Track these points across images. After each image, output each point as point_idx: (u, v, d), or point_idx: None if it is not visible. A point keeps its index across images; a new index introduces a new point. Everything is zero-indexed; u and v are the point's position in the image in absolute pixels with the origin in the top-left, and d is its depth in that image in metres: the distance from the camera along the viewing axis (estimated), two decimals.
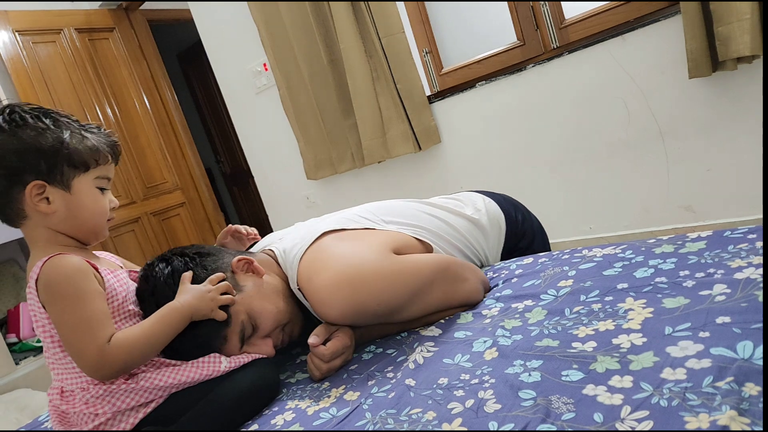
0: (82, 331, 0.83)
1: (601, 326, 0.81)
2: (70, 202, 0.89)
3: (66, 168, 0.87)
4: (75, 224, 0.91)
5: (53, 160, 0.86)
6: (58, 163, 0.86)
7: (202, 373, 0.92)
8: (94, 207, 0.91)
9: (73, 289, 0.84)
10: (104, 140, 0.92)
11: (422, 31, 2.39)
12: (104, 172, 0.92)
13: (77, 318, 0.83)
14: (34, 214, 0.88)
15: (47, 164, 0.86)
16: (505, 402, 0.72)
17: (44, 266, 0.84)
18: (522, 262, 1.19)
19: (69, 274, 0.84)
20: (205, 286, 0.95)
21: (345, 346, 1.01)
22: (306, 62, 2.52)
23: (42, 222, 0.89)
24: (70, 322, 0.83)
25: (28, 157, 0.85)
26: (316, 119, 2.62)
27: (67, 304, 0.83)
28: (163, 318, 0.90)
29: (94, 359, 0.83)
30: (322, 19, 2.40)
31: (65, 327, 0.83)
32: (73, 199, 0.89)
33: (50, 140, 0.86)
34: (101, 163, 0.91)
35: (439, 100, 2.34)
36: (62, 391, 0.90)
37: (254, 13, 2.63)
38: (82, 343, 0.83)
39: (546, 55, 2.07)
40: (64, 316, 0.83)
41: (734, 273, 0.81)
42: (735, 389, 0.59)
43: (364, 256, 0.99)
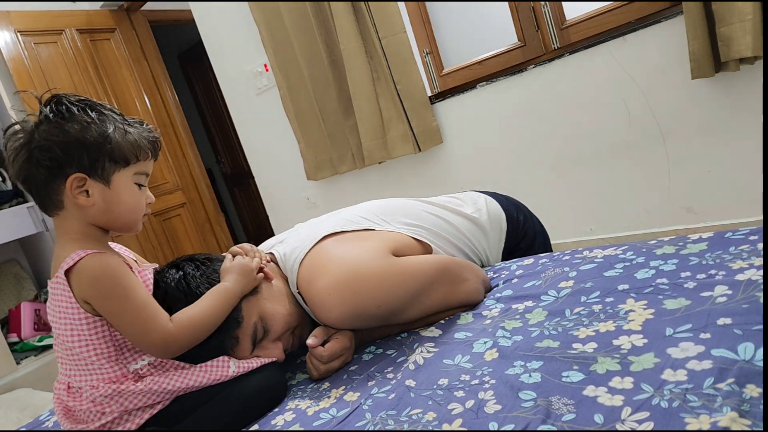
0: (144, 317, 0.86)
1: (601, 327, 0.81)
2: (108, 197, 0.89)
3: (107, 163, 0.88)
4: (111, 218, 0.91)
5: (96, 154, 0.86)
6: (100, 157, 0.87)
7: (210, 378, 0.92)
8: (131, 202, 0.91)
9: (125, 282, 0.86)
10: (146, 135, 0.92)
11: (423, 31, 2.39)
12: (143, 168, 0.92)
13: (136, 306, 0.86)
14: (72, 205, 0.88)
15: (90, 158, 0.86)
16: (505, 403, 0.72)
17: (84, 262, 0.84)
18: (522, 262, 1.19)
19: (116, 268, 0.87)
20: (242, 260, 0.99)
21: (343, 347, 1.01)
22: (306, 63, 2.52)
23: (77, 214, 0.89)
24: (131, 311, 0.85)
25: (72, 150, 0.85)
26: (316, 120, 2.62)
27: (123, 296, 0.86)
28: (219, 297, 0.94)
29: (162, 339, 0.87)
30: (323, 19, 2.40)
31: (126, 316, 0.86)
32: (111, 193, 0.89)
33: (94, 134, 0.86)
34: (141, 159, 0.91)
35: (439, 100, 2.33)
36: (69, 387, 0.90)
37: (255, 13, 2.63)
38: (148, 327, 0.86)
39: (547, 56, 2.07)
40: (123, 306, 0.85)
41: (735, 274, 0.81)
42: (736, 391, 0.59)
43: (363, 259, 0.99)
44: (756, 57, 1.59)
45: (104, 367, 0.87)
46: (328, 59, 2.44)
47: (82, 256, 0.85)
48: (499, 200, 1.35)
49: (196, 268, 1.00)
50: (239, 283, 0.97)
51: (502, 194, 1.41)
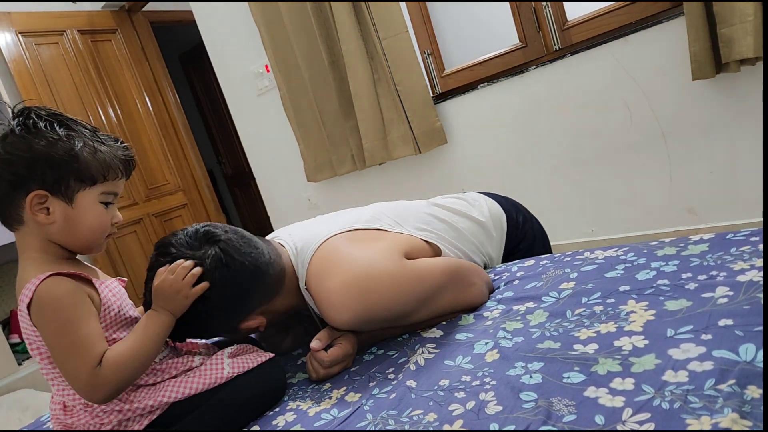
0: (73, 355, 0.81)
1: (602, 328, 0.81)
2: (70, 215, 0.86)
3: (72, 181, 0.84)
4: (71, 238, 0.88)
5: (61, 172, 0.83)
6: (65, 175, 0.84)
7: (206, 383, 0.91)
8: (94, 223, 0.88)
9: (65, 314, 0.81)
10: (118, 154, 0.89)
11: (424, 32, 2.39)
12: (111, 188, 0.89)
13: (69, 342, 0.81)
14: (32, 222, 0.85)
15: (53, 176, 0.83)
16: (506, 404, 0.72)
17: (39, 289, 0.81)
18: (523, 264, 1.19)
19: (60, 297, 0.82)
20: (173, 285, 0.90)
21: (346, 354, 1.01)
22: (307, 64, 2.52)
23: (37, 231, 0.86)
24: (62, 347, 0.81)
25: (36, 167, 0.82)
26: (316, 121, 2.63)
27: (59, 329, 0.81)
28: (147, 328, 0.88)
29: (87, 383, 0.81)
30: (323, 20, 2.40)
31: (57, 351, 0.82)
32: (74, 212, 0.86)
33: (60, 151, 0.83)
34: (109, 179, 0.88)
35: (440, 101, 2.34)
36: (65, 405, 0.89)
37: (255, 14, 2.63)
38: (74, 367, 0.81)
39: (548, 57, 2.07)
40: (55, 340, 0.81)
41: (737, 275, 0.81)
42: (737, 392, 0.59)
43: (374, 260, 0.99)
44: (757, 58, 1.58)
45: None
46: (328, 60, 2.44)
47: (37, 284, 0.81)
48: (499, 201, 1.35)
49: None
50: (170, 310, 0.90)
51: (502, 195, 1.41)
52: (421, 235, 1.14)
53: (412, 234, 1.13)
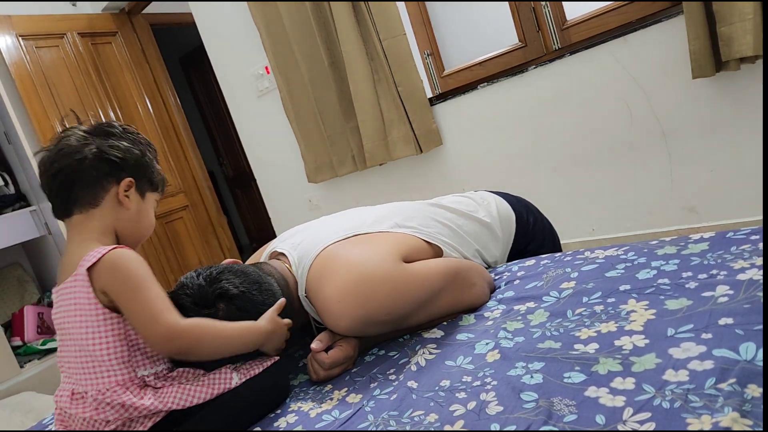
0: (156, 305, 0.87)
1: (603, 328, 0.81)
2: (140, 207, 1.00)
3: (147, 182, 1.02)
4: (133, 227, 0.99)
5: (145, 171, 1.01)
6: (146, 175, 1.01)
7: (214, 392, 0.91)
8: (151, 219, 1.03)
9: (143, 272, 0.89)
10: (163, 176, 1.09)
11: (423, 33, 2.39)
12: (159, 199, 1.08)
13: (150, 296, 0.87)
14: (110, 205, 0.96)
15: (140, 173, 1.00)
16: (507, 404, 0.72)
17: (108, 256, 0.88)
18: (524, 263, 1.19)
19: (135, 260, 0.90)
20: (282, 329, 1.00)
21: (346, 356, 1.01)
22: (307, 65, 2.52)
23: (108, 215, 0.96)
24: (144, 298, 0.87)
25: (132, 161, 0.98)
26: (316, 122, 2.63)
27: (139, 283, 0.88)
28: (242, 329, 0.94)
29: (167, 329, 0.86)
30: (323, 21, 2.40)
31: (138, 301, 0.87)
32: (143, 206, 1.01)
33: (147, 157, 1.02)
34: (161, 192, 1.07)
35: (440, 102, 2.34)
36: (73, 393, 0.89)
37: (255, 16, 2.64)
38: (157, 315, 0.86)
39: (548, 57, 2.07)
40: (136, 292, 0.87)
41: (737, 274, 0.81)
42: (737, 391, 0.59)
43: (372, 265, 0.98)
44: (757, 56, 1.58)
45: (114, 368, 0.87)
46: (328, 61, 2.45)
47: (105, 252, 0.88)
48: (510, 201, 1.35)
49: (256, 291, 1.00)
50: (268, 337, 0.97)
51: (514, 195, 1.40)
52: (422, 236, 1.14)
53: (413, 235, 1.13)
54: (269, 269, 1.08)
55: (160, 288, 0.91)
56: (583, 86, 1.99)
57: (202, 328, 0.89)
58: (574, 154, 2.09)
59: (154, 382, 0.90)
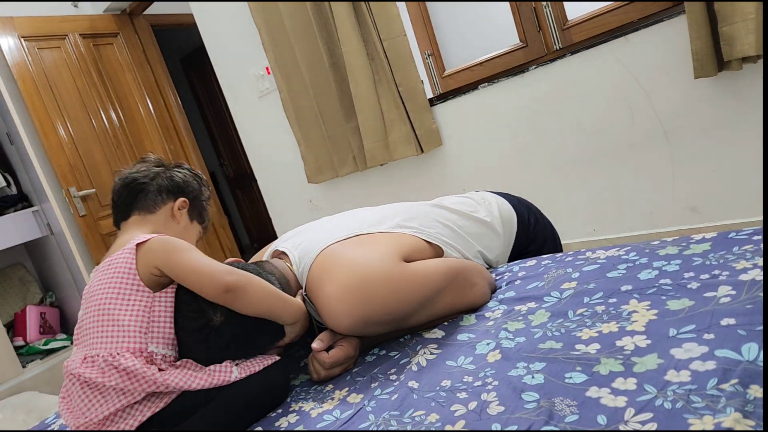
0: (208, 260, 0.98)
1: (604, 328, 0.81)
2: (187, 227, 1.21)
3: (197, 213, 1.24)
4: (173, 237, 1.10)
5: (198, 203, 1.25)
6: (198, 207, 1.24)
7: (212, 381, 0.92)
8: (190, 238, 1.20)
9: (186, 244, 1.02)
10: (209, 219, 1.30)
11: (424, 33, 2.39)
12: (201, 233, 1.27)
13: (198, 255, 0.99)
14: (163, 216, 1.17)
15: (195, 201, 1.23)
16: (508, 404, 0.72)
17: (156, 237, 1.02)
18: (525, 264, 1.18)
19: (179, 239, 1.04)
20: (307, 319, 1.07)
21: (347, 356, 1.01)
22: (307, 65, 2.52)
23: (161, 223, 1.15)
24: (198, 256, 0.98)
25: (190, 189, 1.22)
26: (317, 122, 2.63)
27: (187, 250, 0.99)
28: (286, 297, 1.01)
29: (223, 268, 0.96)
30: (324, 22, 2.40)
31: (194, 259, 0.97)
32: (189, 228, 1.22)
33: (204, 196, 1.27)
34: (204, 231, 1.28)
35: (441, 102, 2.34)
36: (84, 357, 0.93)
37: (256, 16, 2.64)
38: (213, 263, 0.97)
39: (549, 57, 2.07)
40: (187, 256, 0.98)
41: (739, 274, 0.81)
42: (740, 391, 0.59)
43: (372, 264, 0.99)
44: (759, 56, 1.58)
45: (130, 334, 0.93)
46: (329, 62, 2.44)
47: (153, 236, 1.02)
48: (511, 202, 1.35)
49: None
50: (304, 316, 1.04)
51: (515, 196, 1.40)
52: (423, 237, 1.14)
53: (414, 235, 1.13)
54: (270, 267, 1.08)
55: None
56: (584, 86, 1.99)
57: (253, 275, 0.99)
58: (576, 155, 2.09)
59: (160, 363, 0.93)
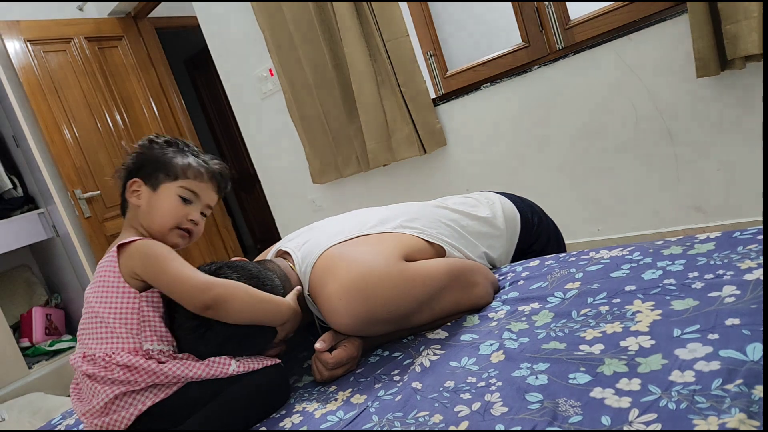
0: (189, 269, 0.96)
1: (608, 328, 0.81)
2: (152, 200, 1.05)
3: (161, 174, 1.06)
4: (149, 219, 1.04)
5: (155, 166, 1.07)
6: (157, 168, 1.07)
7: (210, 372, 0.93)
8: (166, 208, 1.04)
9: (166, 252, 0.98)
10: (206, 164, 1.11)
11: (426, 33, 2.39)
12: (192, 186, 1.07)
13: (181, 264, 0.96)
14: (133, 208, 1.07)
15: (149, 169, 1.07)
16: (511, 405, 0.72)
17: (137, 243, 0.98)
18: (528, 264, 1.18)
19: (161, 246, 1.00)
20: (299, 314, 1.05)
21: (350, 356, 1.01)
22: (311, 67, 2.53)
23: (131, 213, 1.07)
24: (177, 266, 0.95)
25: (140, 163, 1.08)
26: (321, 123, 2.63)
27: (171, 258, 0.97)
28: (271, 297, 0.99)
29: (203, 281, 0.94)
30: (327, 23, 2.41)
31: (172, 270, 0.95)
32: (155, 197, 1.05)
33: (158, 153, 1.09)
34: (190, 177, 1.07)
35: (444, 102, 2.33)
36: (84, 355, 0.95)
37: (259, 18, 2.65)
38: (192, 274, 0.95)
39: (551, 56, 2.07)
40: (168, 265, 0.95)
41: (744, 274, 0.80)
42: (744, 392, 0.58)
43: (374, 264, 0.99)
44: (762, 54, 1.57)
45: (122, 336, 0.93)
46: (332, 63, 2.45)
47: (137, 239, 0.99)
48: (514, 201, 1.35)
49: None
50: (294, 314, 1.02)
51: (518, 196, 1.40)
52: (425, 237, 1.14)
53: (416, 236, 1.13)
54: (272, 266, 1.09)
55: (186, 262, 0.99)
56: (587, 86, 1.99)
57: (236, 284, 0.97)
58: (579, 154, 2.08)
59: (158, 357, 0.93)
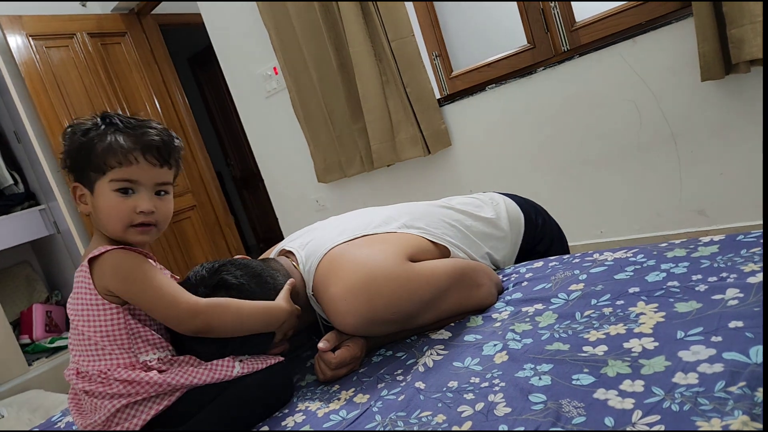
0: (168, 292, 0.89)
1: (612, 330, 0.81)
2: (94, 204, 0.92)
3: (90, 172, 0.90)
4: (100, 225, 0.93)
5: (81, 164, 0.91)
6: (84, 166, 0.90)
7: (214, 377, 0.92)
8: (106, 209, 0.90)
9: (145, 267, 0.90)
10: (133, 139, 0.90)
11: (432, 34, 2.39)
12: (123, 175, 0.89)
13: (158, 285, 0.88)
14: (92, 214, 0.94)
15: (77, 168, 0.91)
16: (515, 405, 0.72)
17: (107, 254, 0.88)
18: (532, 265, 1.18)
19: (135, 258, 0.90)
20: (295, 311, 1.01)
21: (353, 356, 1.01)
22: (315, 66, 2.53)
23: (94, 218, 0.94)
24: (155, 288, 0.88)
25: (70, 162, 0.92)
26: (325, 123, 2.63)
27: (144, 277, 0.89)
28: (262, 307, 0.95)
29: (187, 308, 0.88)
30: (332, 22, 2.41)
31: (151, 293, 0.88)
32: (95, 200, 0.91)
33: (76, 144, 0.91)
34: (116, 165, 0.89)
35: (448, 103, 2.34)
36: (78, 372, 0.91)
37: (264, 17, 2.65)
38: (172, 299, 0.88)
39: (556, 58, 2.07)
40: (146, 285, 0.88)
41: (747, 277, 0.81)
42: (747, 394, 0.59)
43: (378, 264, 0.99)
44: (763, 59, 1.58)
45: (115, 353, 0.89)
46: (337, 62, 2.45)
47: (108, 250, 0.89)
48: (518, 202, 1.35)
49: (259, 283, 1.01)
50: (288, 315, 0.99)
51: (522, 197, 1.40)
52: (430, 237, 1.14)
53: (420, 236, 1.13)
54: (276, 265, 1.08)
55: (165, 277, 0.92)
56: (591, 88, 1.99)
57: (223, 304, 0.91)
58: (583, 156, 2.08)
59: (158, 366, 0.91)
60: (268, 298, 0.99)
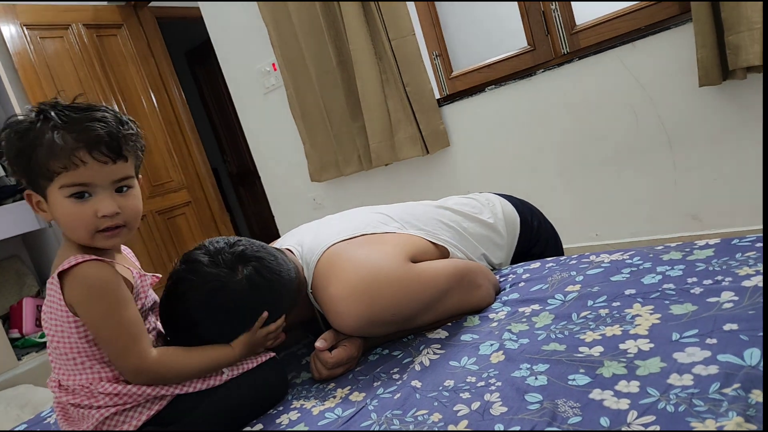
0: (124, 336, 0.83)
1: (608, 331, 0.81)
2: (51, 211, 0.83)
3: (39, 179, 0.81)
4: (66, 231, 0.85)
5: (30, 171, 0.81)
6: (33, 174, 0.81)
7: (204, 383, 0.91)
8: (66, 219, 0.82)
9: (114, 295, 0.82)
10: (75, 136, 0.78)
11: (433, 34, 2.39)
12: (71, 179, 0.79)
13: (117, 322, 0.82)
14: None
15: (28, 176, 0.82)
16: (511, 405, 0.73)
17: (79, 267, 0.81)
18: (529, 266, 1.19)
19: (108, 279, 0.82)
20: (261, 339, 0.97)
21: (350, 356, 1.01)
22: (314, 63, 2.52)
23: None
24: (112, 326, 0.82)
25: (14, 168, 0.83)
26: (323, 121, 2.63)
27: (109, 309, 0.82)
28: (212, 358, 0.91)
29: (135, 365, 0.84)
30: (332, 20, 2.40)
31: (106, 330, 0.82)
32: (51, 208, 0.83)
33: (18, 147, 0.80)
34: (62, 170, 0.79)
35: (448, 103, 2.34)
36: (60, 384, 0.88)
37: (264, 13, 2.64)
38: (125, 347, 0.83)
39: (556, 61, 2.07)
40: (105, 320, 0.82)
41: (742, 281, 0.81)
42: (742, 396, 0.59)
43: (378, 264, 0.99)
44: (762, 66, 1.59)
45: (95, 367, 0.86)
46: (336, 60, 2.45)
47: (79, 262, 0.81)
48: (515, 204, 1.35)
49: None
50: (241, 355, 0.95)
51: (518, 198, 1.40)
52: (428, 238, 1.14)
53: (419, 236, 1.13)
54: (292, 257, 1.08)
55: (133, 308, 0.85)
56: (590, 91, 2.00)
57: (171, 360, 0.87)
58: (580, 159, 2.09)
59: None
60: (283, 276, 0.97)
